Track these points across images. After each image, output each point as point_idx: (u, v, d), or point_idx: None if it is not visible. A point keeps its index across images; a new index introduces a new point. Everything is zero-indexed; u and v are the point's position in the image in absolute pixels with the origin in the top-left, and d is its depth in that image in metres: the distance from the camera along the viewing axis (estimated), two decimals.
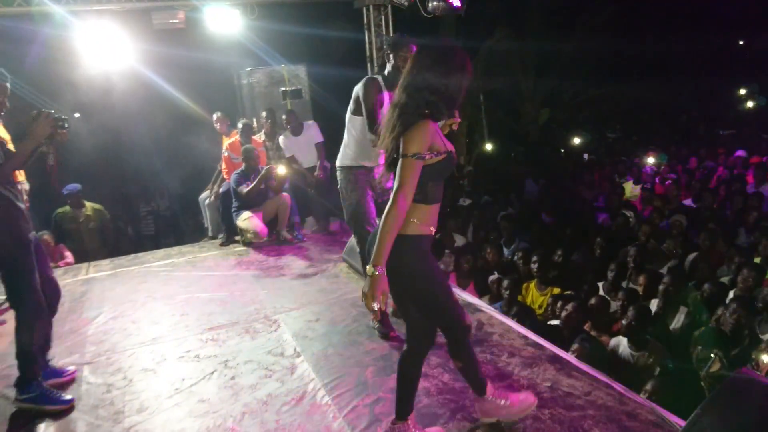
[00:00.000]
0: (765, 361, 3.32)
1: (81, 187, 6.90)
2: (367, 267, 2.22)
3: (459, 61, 2.26)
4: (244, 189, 6.16)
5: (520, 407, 2.65)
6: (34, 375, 3.16)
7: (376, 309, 2.20)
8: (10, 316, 4.62)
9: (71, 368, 3.57)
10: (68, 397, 3.22)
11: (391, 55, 3.54)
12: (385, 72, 3.60)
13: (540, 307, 5.31)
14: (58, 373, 3.46)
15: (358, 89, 3.60)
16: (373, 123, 3.44)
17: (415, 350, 2.53)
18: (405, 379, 2.53)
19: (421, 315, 2.47)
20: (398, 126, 2.26)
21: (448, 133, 2.94)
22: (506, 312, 4.71)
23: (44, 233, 6.10)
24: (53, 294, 3.37)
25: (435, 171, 2.27)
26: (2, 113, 3.13)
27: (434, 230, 2.38)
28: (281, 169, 6.22)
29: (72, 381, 3.48)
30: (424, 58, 2.29)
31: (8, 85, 3.07)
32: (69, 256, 6.51)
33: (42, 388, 3.17)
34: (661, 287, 4.69)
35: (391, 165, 2.34)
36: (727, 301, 4.30)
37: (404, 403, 2.54)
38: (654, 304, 4.78)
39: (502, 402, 2.63)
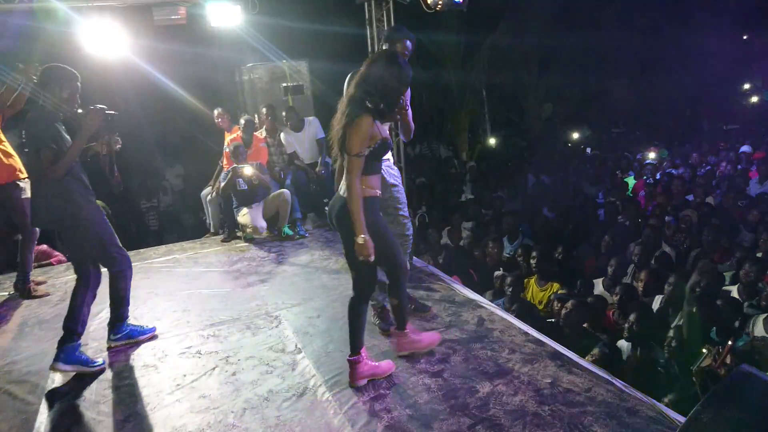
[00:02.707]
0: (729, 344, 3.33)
1: None
2: (357, 239, 2.86)
3: (396, 70, 2.84)
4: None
5: (428, 342, 3.37)
6: (126, 317, 3.85)
7: (372, 259, 2.89)
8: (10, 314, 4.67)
9: (100, 360, 3.61)
10: (151, 326, 4.02)
11: (385, 47, 3.57)
12: None
13: (540, 302, 5.32)
14: (90, 361, 3.56)
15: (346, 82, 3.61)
16: None
17: (362, 296, 3.14)
18: (356, 320, 3.11)
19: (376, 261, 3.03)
20: (345, 117, 2.85)
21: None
22: (509, 309, 4.71)
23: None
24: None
25: (373, 153, 2.91)
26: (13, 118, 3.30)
27: (380, 192, 3.08)
28: (247, 170, 6.23)
29: (101, 371, 3.54)
30: (374, 61, 2.88)
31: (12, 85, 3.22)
32: (58, 254, 6.37)
33: (131, 326, 3.89)
34: (667, 287, 4.67)
35: (340, 149, 2.92)
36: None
37: (357, 340, 3.11)
38: (656, 301, 4.78)
39: (416, 337, 3.33)
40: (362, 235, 2.84)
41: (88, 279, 3.61)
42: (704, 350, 3.43)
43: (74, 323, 3.51)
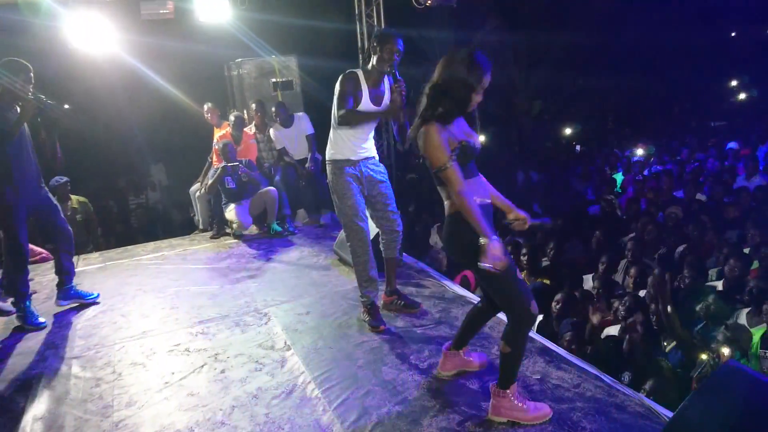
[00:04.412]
0: (726, 353, 3.31)
1: (67, 179, 6.80)
2: (480, 240, 2.37)
3: (464, 65, 2.53)
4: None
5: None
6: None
7: (503, 266, 2.39)
8: None
9: (95, 294, 4.63)
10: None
11: (377, 48, 3.54)
12: (369, 66, 3.62)
13: None
14: (83, 295, 4.55)
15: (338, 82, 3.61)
16: (339, 110, 3.50)
17: (520, 324, 2.60)
18: (516, 351, 2.59)
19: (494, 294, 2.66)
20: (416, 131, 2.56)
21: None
22: None
23: None
24: (65, 239, 4.41)
25: (459, 159, 2.51)
26: None
27: (486, 200, 2.63)
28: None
29: (94, 303, 4.55)
30: (449, 63, 2.55)
31: None
32: (42, 251, 6.26)
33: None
34: (650, 279, 4.71)
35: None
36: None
37: (510, 374, 2.62)
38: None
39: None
40: (484, 239, 2.37)
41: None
42: (704, 356, 3.41)
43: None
